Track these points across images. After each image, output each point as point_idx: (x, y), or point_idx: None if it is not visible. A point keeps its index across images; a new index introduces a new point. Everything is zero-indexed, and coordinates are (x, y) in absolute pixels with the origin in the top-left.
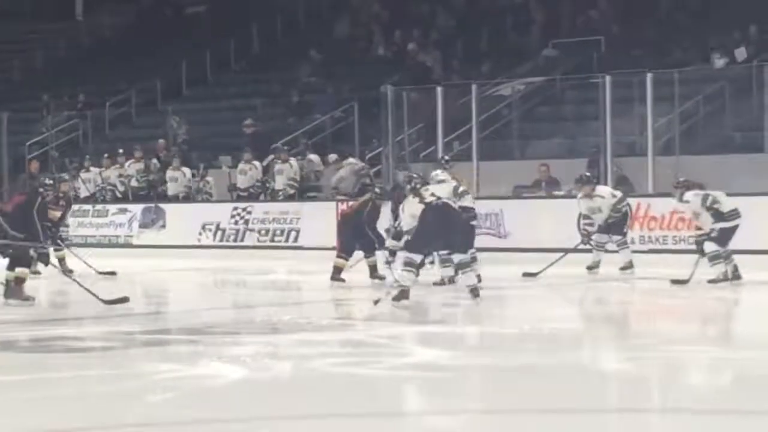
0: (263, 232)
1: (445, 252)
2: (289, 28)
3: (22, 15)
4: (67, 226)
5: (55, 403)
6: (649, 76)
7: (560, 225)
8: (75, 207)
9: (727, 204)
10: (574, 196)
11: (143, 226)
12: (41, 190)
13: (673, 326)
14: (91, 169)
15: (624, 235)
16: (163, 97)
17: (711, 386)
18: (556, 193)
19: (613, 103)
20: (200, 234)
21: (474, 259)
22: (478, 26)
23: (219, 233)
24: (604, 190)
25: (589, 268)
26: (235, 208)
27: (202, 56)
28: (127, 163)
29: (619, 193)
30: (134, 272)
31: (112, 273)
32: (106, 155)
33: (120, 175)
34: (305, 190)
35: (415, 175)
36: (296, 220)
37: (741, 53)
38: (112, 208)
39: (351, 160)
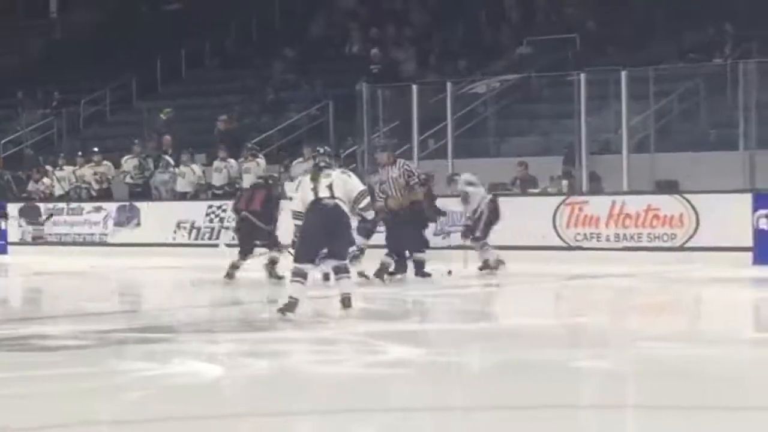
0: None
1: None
2: (264, 25)
3: None
4: None
5: (28, 401)
6: (623, 74)
7: (535, 222)
8: (50, 205)
9: None
10: (550, 194)
11: (118, 224)
12: (271, 182)
13: (648, 323)
14: (65, 167)
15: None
16: (138, 94)
17: (687, 383)
18: (531, 190)
19: (588, 101)
20: (175, 232)
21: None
22: (453, 22)
23: (194, 231)
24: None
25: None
26: (210, 206)
27: (177, 53)
28: (123, 159)
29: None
30: (109, 270)
31: None
32: (80, 153)
33: (95, 173)
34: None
35: (321, 151)
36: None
37: None
38: (87, 206)
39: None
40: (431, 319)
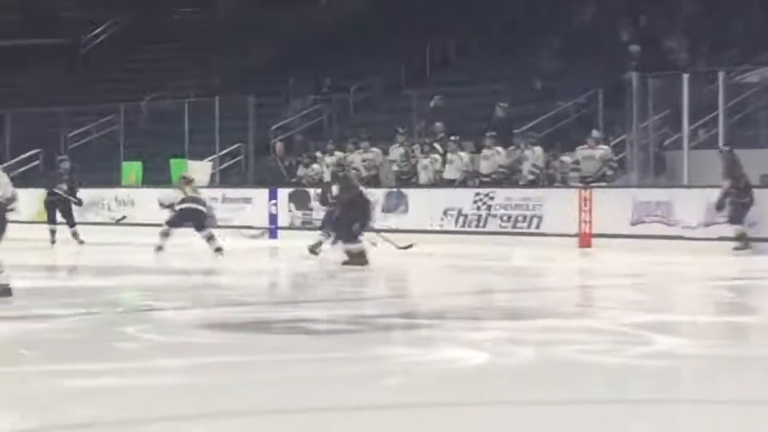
0: (505, 218)
1: None
2: (530, 12)
3: (267, 0)
4: None
5: (290, 384)
6: None
7: None
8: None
9: None
10: None
11: (386, 210)
12: None
13: None
14: (335, 153)
15: None
16: (407, 81)
17: None
18: None
19: None
20: (442, 219)
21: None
22: (726, 11)
23: (461, 219)
24: None
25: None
26: (478, 194)
27: (445, 41)
28: (390, 148)
29: None
30: (375, 256)
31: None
32: (349, 140)
33: (363, 160)
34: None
35: None
36: (539, 206)
37: None
38: None
39: (604, 146)
40: (699, 312)
